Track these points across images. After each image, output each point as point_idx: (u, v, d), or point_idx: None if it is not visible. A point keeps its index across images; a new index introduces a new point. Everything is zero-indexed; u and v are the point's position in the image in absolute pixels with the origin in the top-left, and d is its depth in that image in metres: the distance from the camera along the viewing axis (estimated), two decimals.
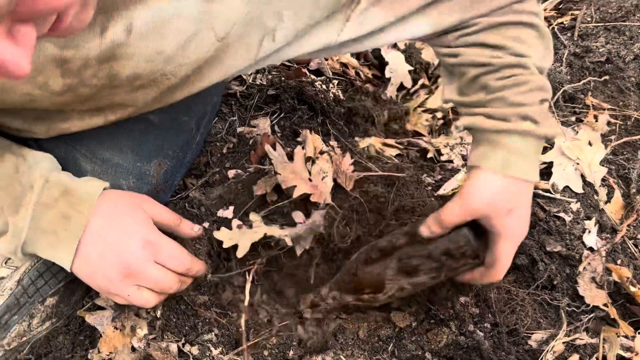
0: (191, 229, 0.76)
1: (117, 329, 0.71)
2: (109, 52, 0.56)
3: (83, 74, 0.58)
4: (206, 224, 0.82)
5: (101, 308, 0.74)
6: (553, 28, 1.29)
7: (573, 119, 1.18)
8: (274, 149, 0.91)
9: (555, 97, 1.18)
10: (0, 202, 0.64)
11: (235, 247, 0.78)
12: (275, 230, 0.78)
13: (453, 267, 0.69)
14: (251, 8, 0.60)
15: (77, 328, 0.76)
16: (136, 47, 0.58)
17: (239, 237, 0.75)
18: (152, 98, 0.68)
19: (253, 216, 0.82)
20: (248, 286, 0.75)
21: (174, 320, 0.76)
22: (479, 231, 0.69)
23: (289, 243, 0.78)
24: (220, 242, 0.78)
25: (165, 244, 0.69)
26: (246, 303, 0.74)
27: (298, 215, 0.83)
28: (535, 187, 1.00)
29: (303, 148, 0.93)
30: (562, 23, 1.30)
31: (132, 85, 0.63)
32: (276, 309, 0.84)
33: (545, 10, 1.33)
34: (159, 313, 0.75)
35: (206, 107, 0.93)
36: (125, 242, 0.66)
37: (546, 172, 1.02)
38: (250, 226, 0.79)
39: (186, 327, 0.76)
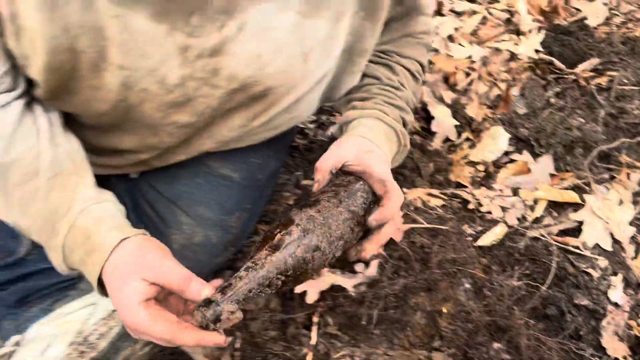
0: (198, 294, 0.64)
1: (206, 356, 0.86)
2: (220, 46, 0.68)
3: (195, 65, 0.70)
4: None
5: None
6: (590, 88, 1.40)
7: (606, 176, 1.28)
8: None
9: (591, 156, 1.28)
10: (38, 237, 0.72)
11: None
12: (339, 279, 0.92)
13: (359, 211, 0.73)
14: (331, 29, 0.74)
15: (171, 353, 0.91)
16: (241, 45, 0.69)
17: (310, 286, 0.90)
18: (237, 125, 0.81)
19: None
20: (315, 328, 0.89)
21: (249, 351, 0.91)
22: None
23: (350, 290, 0.92)
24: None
25: (147, 331, 0.64)
26: (313, 342, 0.88)
27: (359, 265, 0.97)
28: (566, 244, 1.11)
29: None
30: (599, 84, 1.40)
31: (227, 87, 0.73)
32: (332, 343, 0.99)
33: (583, 71, 1.43)
34: (238, 344, 0.90)
35: (277, 165, 1.09)
36: (121, 313, 0.67)
37: (577, 229, 1.13)
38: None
39: (258, 358, 0.91)
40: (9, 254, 0.88)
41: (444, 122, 1.39)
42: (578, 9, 1.56)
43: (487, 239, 1.14)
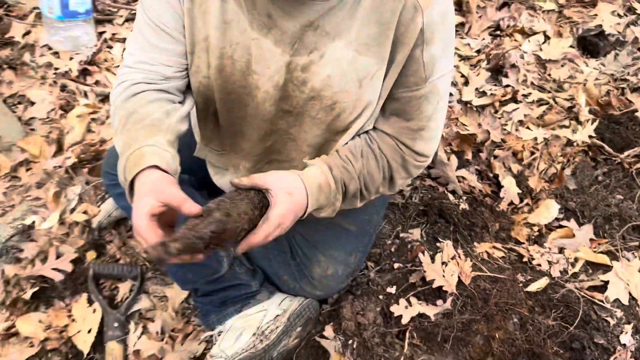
0: (189, 210, 0.87)
1: (337, 352, 1.35)
2: (307, 65, 1.01)
3: (293, 75, 1.02)
4: (381, 296, 1.45)
5: (326, 338, 1.39)
6: (632, 172, 1.77)
7: (637, 244, 1.65)
8: (423, 254, 1.52)
9: (624, 228, 1.66)
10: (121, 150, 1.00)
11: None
12: (424, 309, 1.38)
13: (254, 209, 0.94)
14: (377, 69, 1.03)
15: (311, 347, 1.41)
16: (320, 68, 1.01)
17: (404, 312, 1.37)
18: (319, 132, 1.10)
19: (412, 299, 1.43)
20: (406, 340, 1.35)
21: (361, 351, 1.39)
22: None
23: (432, 317, 1.38)
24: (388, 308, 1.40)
25: (140, 232, 0.87)
26: (405, 349, 1.34)
27: (438, 300, 1.43)
28: (593, 297, 1.50)
29: (441, 254, 1.53)
30: (639, 169, 1.77)
31: (309, 94, 1.03)
32: (415, 351, 1.44)
33: (628, 156, 1.80)
34: (354, 345, 1.38)
35: (379, 219, 1.55)
36: (133, 214, 0.90)
37: (604, 286, 1.52)
38: (410, 304, 1.40)
39: (367, 356, 1.39)
40: (215, 272, 1.40)
41: (510, 189, 1.80)
42: (631, 101, 1.91)
43: (534, 287, 1.55)
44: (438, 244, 1.61)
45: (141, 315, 1.52)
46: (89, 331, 1.44)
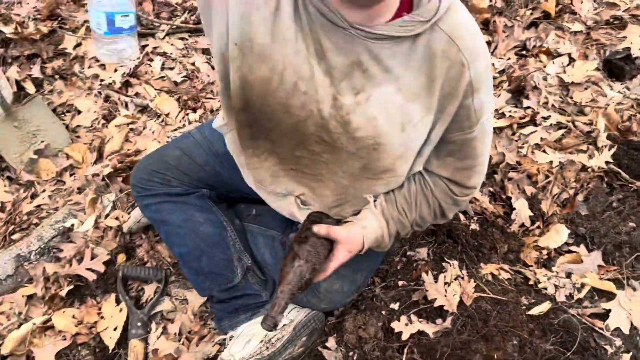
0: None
1: None
2: (354, 106, 1.05)
3: (338, 111, 1.05)
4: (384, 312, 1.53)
5: (328, 349, 1.49)
6: None
7: None
8: (427, 274, 1.59)
9: (633, 256, 1.67)
10: None
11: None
12: (424, 327, 1.46)
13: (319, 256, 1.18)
14: (423, 116, 1.08)
15: (315, 356, 1.51)
16: (366, 109, 1.05)
17: (404, 328, 1.45)
18: (356, 168, 1.15)
19: (413, 316, 1.50)
20: (405, 354, 1.43)
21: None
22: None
23: (431, 334, 1.45)
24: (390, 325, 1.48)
25: None
26: None
27: (438, 319, 1.50)
28: (594, 324, 1.53)
29: (444, 274, 1.60)
30: None
31: (353, 134, 1.08)
32: None
33: None
34: (355, 357, 1.47)
35: None
36: None
37: (605, 314, 1.55)
38: (410, 321, 1.48)
39: None
40: (229, 281, 1.52)
41: (522, 212, 1.84)
42: None
43: (536, 310, 1.59)
44: (443, 264, 1.67)
45: (163, 316, 1.66)
46: (115, 328, 1.59)
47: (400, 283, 1.62)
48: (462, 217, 1.82)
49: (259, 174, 1.30)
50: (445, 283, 1.59)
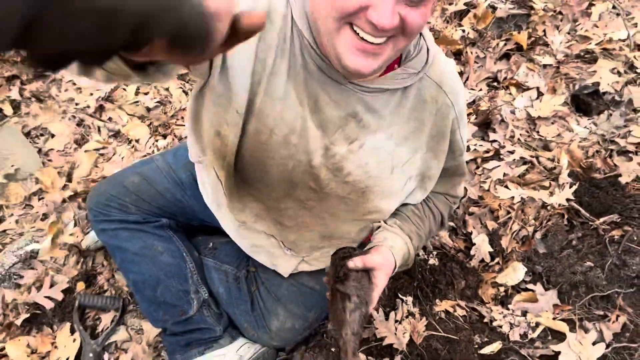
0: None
1: None
2: (346, 154, 1.09)
3: (330, 159, 1.10)
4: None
5: None
6: (605, 239, 1.77)
7: (601, 313, 1.66)
8: (377, 311, 1.59)
9: (587, 297, 1.67)
10: None
11: None
12: None
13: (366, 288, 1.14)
14: (410, 157, 1.17)
15: None
16: (358, 156, 1.11)
17: None
18: (342, 210, 1.22)
19: (361, 355, 1.51)
20: None
21: None
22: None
23: None
24: None
25: None
26: None
27: (386, 358, 1.50)
28: None
29: (395, 312, 1.60)
30: (612, 236, 1.77)
31: (343, 179, 1.13)
32: None
33: (603, 222, 1.80)
34: None
35: None
36: None
37: (554, 357, 1.54)
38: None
39: None
40: (184, 313, 1.53)
41: (481, 247, 1.85)
42: (616, 165, 1.91)
43: (487, 349, 1.59)
44: (397, 300, 1.68)
45: (117, 346, 1.67)
46: (67, 359, 1.60)
47: None
48: (421, 251, 1.82)
49: (241, 217, 1.33)
50: (396, 321, 1.59)
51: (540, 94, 2.17)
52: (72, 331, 1.67)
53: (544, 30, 2.41)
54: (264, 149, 1.10)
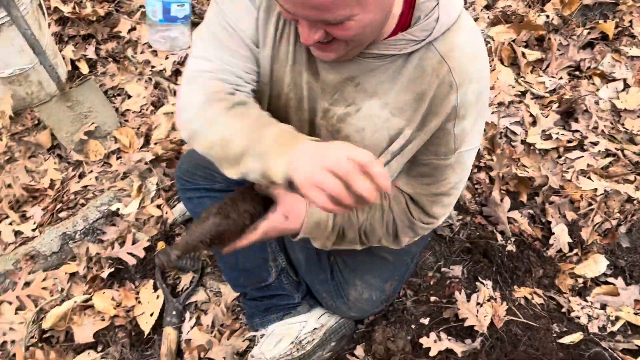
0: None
1: None
2: (343, 116, 1.09)
3: (329, 121, 1.10)
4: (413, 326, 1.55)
5: (356, 357, 1.51)
6: None
7: None
8: (460, 292, 1.59)
9: None
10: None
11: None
12: (453, 345, 1.47)
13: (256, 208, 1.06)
14: (403, 127, 1.07)
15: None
16: (355, 120, 1.08)
17: (433, 345, 1.46)
18: None
19: (442, 334, 1.51)
20: None
21: None
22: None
23: (459, 354, 1.46)
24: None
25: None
26: None
27: (467, 339, 1.50)
28: None
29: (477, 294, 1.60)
30: None
31: (342, 140, 1.03)
32: None
33: None
34: None
35: (418, 250, 1.62)
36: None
37: (638, 352, 1.53)
38: (439, 338, 1.49)
39: None
40: (263, 280, 1.55)
41: (560, 237, 1.82)
42: None
43: (567, 339, 1.58)
44: (477, 283, 1.67)
45: (197, 306, 1.70)
46: (151, 314, 1.64)
47: (432, 298, 1.63)
48: (499, 237, 1.81)
49: None
50: (478, 303, 1.59)
51: (626, 86, 2.12)
52: (155, 288, 1.70)
53: (631, 21, 2.33)
54: (286, 112, 1.14)
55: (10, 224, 1.90)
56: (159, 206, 1.88)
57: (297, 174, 0.82)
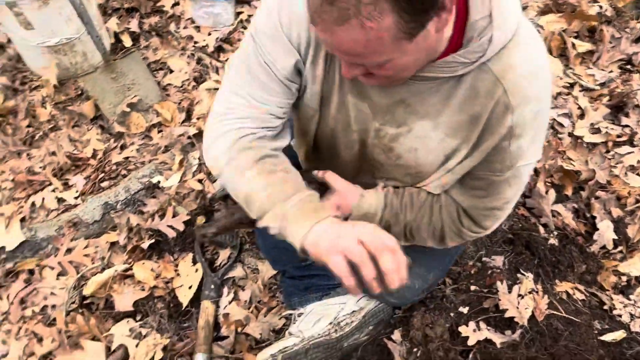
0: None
1: (401, 356, 1.46)
2: (395, 136, 1.06)
3: (381, 140, 1.08)
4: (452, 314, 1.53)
5: (393, 341, 1.50)
6: None
7: None
8: (502, 282, 1.57)
9: None
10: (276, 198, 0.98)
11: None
12: (492, 336, 1.45)
13: None
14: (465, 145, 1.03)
15: (378, 345, 1.53)
16: (407, 140, 1.06)
17: (472, 334, 1.44)
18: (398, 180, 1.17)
19: (482, 323, 1.50)
20: (470, 358, 1.43)
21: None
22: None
23: (498, 344, 1.45)
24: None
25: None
26: None
27: (507, 330, 1.48)
28: None
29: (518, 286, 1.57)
30: None
31: (394, 162, 1.11)
32: None
33: None
34: (418, 354, 1.48)
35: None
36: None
37: None
38: (479, 328, 1.47)
39: None
40: (305, 259, 1.54)
41: (605, 233, 1.78)
42: None
43: (609, 337, 1.55)
44: (518, 275, 1.65)
45: (234, 282, 1.71)
46: (190, 287, 1.65)
47: (472, 288, 1.61)
48: (542, 230, 1.78)
49: None
50: (519, 295, 1.57)
51: None
52: (194, 262, 1.72)
53: None
54: (333, 134, 1.14)
55: (54, 191, 1.93)
56: (200, 180, 1.89)
57: (312, 248, 0.92)
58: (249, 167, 1.02)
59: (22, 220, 1.85)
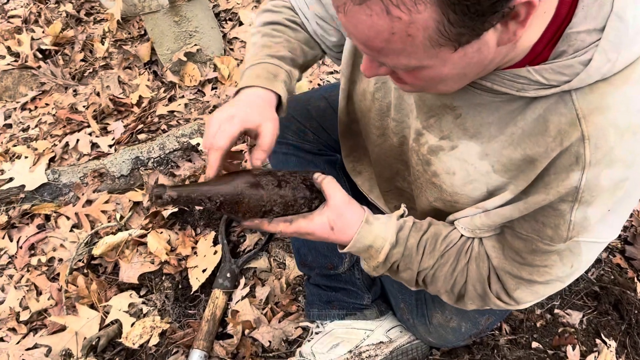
0: (255, 158, 0.86)
1: None
2: (435, 148, 0.86)
3: (420, 148, 0.89)
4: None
5: None
6: None
7: None
8: (574, 348, 1.24)
9: None
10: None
11: None
12: None
13: (304, 197, 0.87)
14: (504, 186, 0.81)
15: None
16: (447, 158, 0.85)
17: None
18: (430, 201, 0.94)
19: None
20: None
21: None
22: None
23: None
24: None
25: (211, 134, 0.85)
26: None
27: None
28: None
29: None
30: None
31: (430, 177, 0.90)
32: None
33: None
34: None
35: None
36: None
37: None
38: None
39: None
40: (333, 267, 1.30)
41: None
42: None
43: None
44: (598, 341, 1.31)
45: (255, 273, 1.49)
46: (204, 270, 1.45)
47: (533, 344, 1.30)
48: (639, 288, 1.41)
49: (357, 180, 1.22)
50: None
51: None
52: (215, 242, 1.51)
53: None
54: (368, 114, 1.01)
55: (90, 134, 1.78)
56: (241, 151, 1.66)
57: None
58: (256, 27, 1.06)
59: (52, 160, 1.72)
